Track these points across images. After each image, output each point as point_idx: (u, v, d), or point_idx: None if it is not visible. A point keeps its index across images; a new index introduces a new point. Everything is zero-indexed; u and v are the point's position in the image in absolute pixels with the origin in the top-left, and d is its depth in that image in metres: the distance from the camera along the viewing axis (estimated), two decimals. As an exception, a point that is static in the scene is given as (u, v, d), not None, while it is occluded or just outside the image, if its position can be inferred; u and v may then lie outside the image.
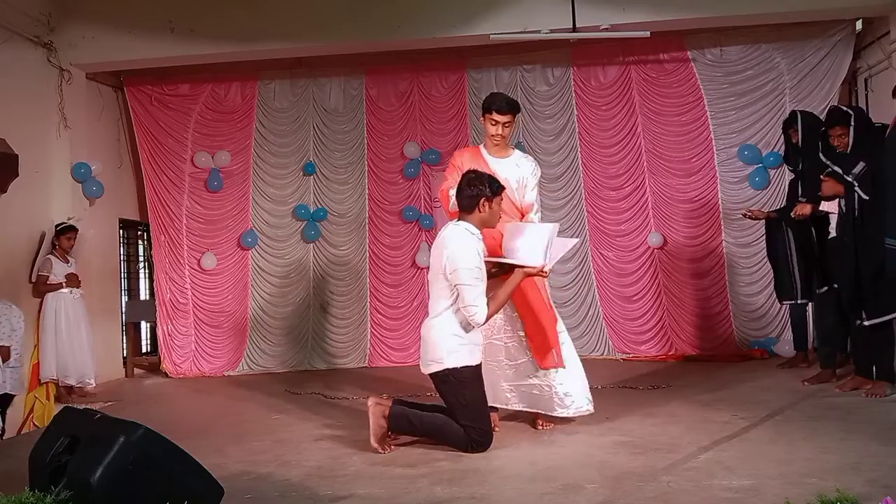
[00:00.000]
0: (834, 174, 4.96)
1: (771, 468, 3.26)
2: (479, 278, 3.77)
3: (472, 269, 3.75)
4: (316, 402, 5.82)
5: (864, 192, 4.78)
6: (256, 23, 6.87)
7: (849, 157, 4.94)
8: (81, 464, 2.61)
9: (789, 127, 5.99)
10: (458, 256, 3.77)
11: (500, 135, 4.28)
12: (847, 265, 4.94)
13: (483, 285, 3.77)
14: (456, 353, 3.82)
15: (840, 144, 5.02)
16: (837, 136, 5.03)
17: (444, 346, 3.83)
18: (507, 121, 4.26)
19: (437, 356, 3.85)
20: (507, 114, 4.25)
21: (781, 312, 7.24)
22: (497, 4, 6.68)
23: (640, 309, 7.54)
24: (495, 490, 3.17)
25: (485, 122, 4.33)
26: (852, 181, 4.84)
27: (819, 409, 4.56)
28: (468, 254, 3.78)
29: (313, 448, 4.16)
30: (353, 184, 8.06)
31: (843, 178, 4.89)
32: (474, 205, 3.87)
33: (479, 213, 3.89)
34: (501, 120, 4.25)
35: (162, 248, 7.95)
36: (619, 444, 3.85)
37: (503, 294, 3.87)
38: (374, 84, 8.09)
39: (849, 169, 4.88)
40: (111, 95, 8.09)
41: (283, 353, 7.86)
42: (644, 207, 7.62)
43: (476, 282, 3.75)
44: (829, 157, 5.10)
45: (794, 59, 7.31)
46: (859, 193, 4.80)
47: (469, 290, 3.74)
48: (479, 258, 3.80)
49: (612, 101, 7.75)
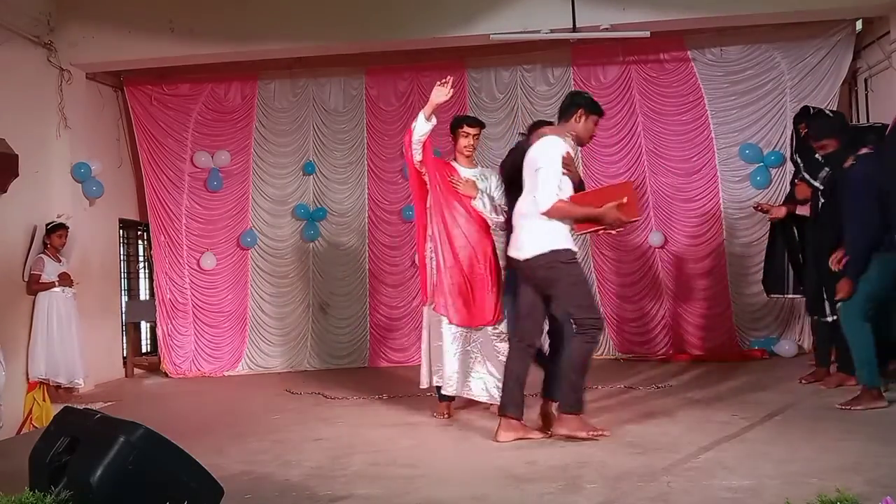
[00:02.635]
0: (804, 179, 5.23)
1: (771, 468, 3.26)
2: (556, 171, 3.89)
3: (552, 162, 3.90)
4: (316, 402, 5.82)
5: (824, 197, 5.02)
6: (256, 23, 6.87)
7: (819, 163, 5.11)
8: (81, 464, 2.61)
9: (800, 122, 5.96)
10: (544, 149, 3.97)
11: (472, 145, 4.82)
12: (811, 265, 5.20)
13: (557, 180, 3.89)
14: (552, 236, 3.91)
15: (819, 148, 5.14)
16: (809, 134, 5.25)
17: (542, 232, 3.92)
18: (476, 133, 4.82)
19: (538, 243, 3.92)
20: (476, 126, 4.83)
21: (782, 313, 7.25)
22: (497, 4, 6.68)
23: (640, 308, 7.54)
24: (495, 490, 3.17)
25: (456, 138, 4.83)
26: (818, 186, 5.07)
27: (819, 409, 4.56)
28: (553, 149, 3.94)
29: (313, 448, 4.15)
30: (353, 183, 8.06)
31: (811, 184, 5.14)
32: (571, 114, 4.06)
33: (575, 123, 4.05)
34: (472, 132, 4.80)
35: (162, 248, 7.94)
36: (619, 444, 3.84)
37: (582, 209, 3.95)
38: (374, 84, 8.09)
39: (816, 174, 5.09)
40: (111, 95, 8.09)
41: (283, 353, 7.86)
42: (645, 207, 7.62)
43: (552, 173, 3.88)
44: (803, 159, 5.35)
45: (795, 58, 7.31)
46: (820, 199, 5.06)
47: (544, 175, 3.89)
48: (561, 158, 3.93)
49: (612, 100, 7.73)
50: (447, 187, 4.70)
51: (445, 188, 4.70)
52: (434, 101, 4.47)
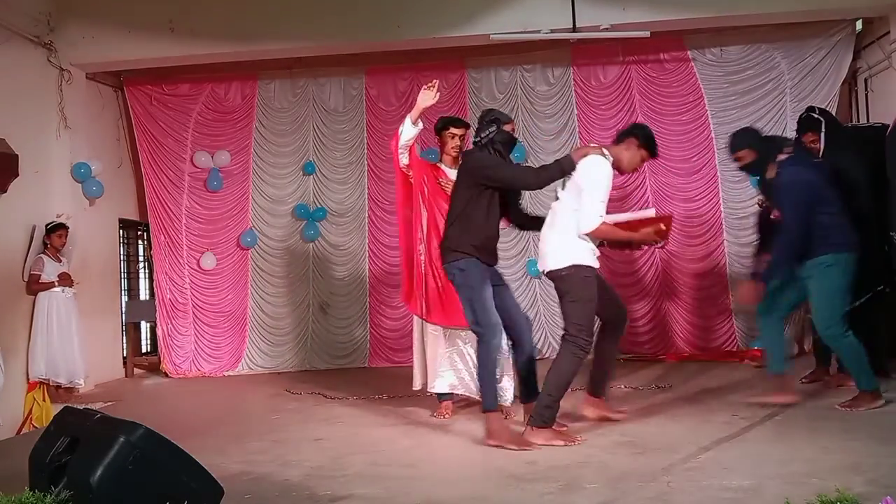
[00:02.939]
0: None
1: (771, 468, 3.27)
2: (602, 192, 3.97)
3: (599, 181, 3.98)
4: (316, 402, 5.82)
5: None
6: (256, 23, 6.87)
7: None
8: (81, 464, 2.61)
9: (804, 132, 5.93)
10: (590, 167, 4.02)
11: (458, 146, 4.84)
12: None
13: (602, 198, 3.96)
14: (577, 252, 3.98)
15: (812, 150, 5.14)
16: (810, 141, 5.20)
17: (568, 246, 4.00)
18: (462, 134, 4.87)
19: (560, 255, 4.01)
20: (462, 128, 4.88)
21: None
22: (497, 4, 6.68)
23: (640, 309, 7.53)
24: (495, 490, 3.17)
25: (443, 139, 4.86)
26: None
27: (819, 409, 4.56)
28: (599, 170, 4.01)
29: (313, 448, 4.16)
30: (353, 183, 8.06)
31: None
32: (622, 139, 4.17)
33: (624, 148, 4.13)
34: (459, 133, 4.85)
35: (161, 248, 7.94)
36: (619, 444, 3.85)
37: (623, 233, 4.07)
38: (374, 84, 8.09)
39: None
40: (111, 95, 8.09)
41: (283, 353, 7.86)
42: (645, 207, 7.61)
43: (597, 192, 3.96)
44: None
45: (795, 58, 7.31)
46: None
47: (589, 196, 3.95)
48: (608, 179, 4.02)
49: (612, 100, 7.75)
50: (434, 188, 4.74)
51: (432, 189, 4.73)
52: (420, 104, 4.50)
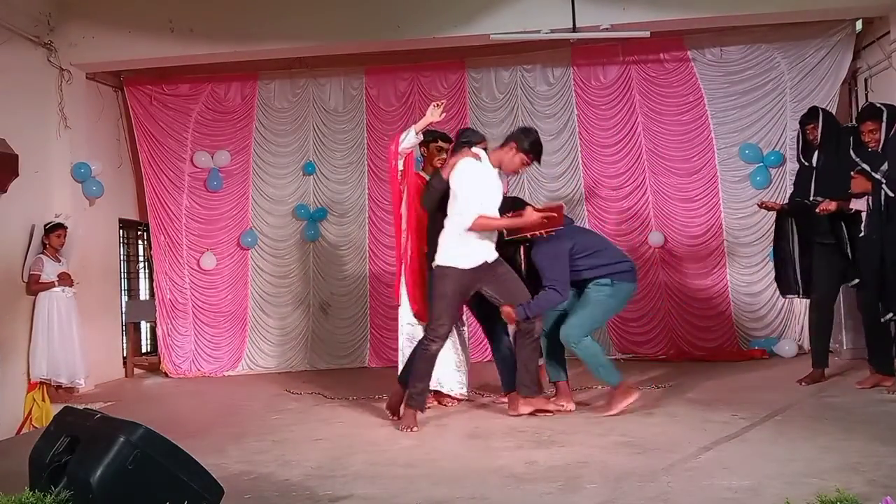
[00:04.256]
0: (863, 171, 4.99)
1: (771, 468, 3.26)
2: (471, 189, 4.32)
3: (466, 181, 4.34)
4: (316, 402, 5.82)
5: (891, 190, 4.80)
6: (256, 23, 6.87)
7: (878, 155, 4.95)
8: (81, 464, 2.61)
9: (808, 123, 5.89)
10: (457, 174, 4.39)
11: (444, 159, 5.07)
12: (872, 261, 4.96)
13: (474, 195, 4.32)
14: (442, 255, 4.41)
15: (871, 140, 5.02)
16: (869, 131, 5.04)
17: (444, 246, 4.42)
18: (448, 148, 5.12)
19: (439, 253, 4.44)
20: (450, 143, 5.13)
21: (782, 312, 7.24)
22: (497, 4, 6.68)
23: (640, 309, 7.51)
24: (495, 490, 3.17)
25: (430, 150, 5.24)
26: (880, 178, 4.86)
27: (819, 409, 4.56)
28: (465, 171, 4.37)
29: (313, 448, 4.15)
30: (353, 183, 8.06)
31: (871, 176, 4.92)
32: (505, 143, 4.48)
33: (503, 152, 4.45)
34: (446, 147, 5.17)
35: (161, 248, 7.95)
36: (619, 444, 3.85)
37: (503, 221, 4.43)
38: (374, 84, 8.09)
39: (877, 166, 4.91)
40: (111, 95, 8.09)
41: (283, 354, 7.86)
42: (645, 207, 7.63)
43: (467, 191, 4.32)
44: (859, 154, 5.10)
45: (795, 59, 7.31)
46: (886, 191, 4.82)
47: (463, 196, 4.32)
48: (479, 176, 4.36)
49: (612, 100, 7.75)
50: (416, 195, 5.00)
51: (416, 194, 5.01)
52: (428, 119, 4.85)
